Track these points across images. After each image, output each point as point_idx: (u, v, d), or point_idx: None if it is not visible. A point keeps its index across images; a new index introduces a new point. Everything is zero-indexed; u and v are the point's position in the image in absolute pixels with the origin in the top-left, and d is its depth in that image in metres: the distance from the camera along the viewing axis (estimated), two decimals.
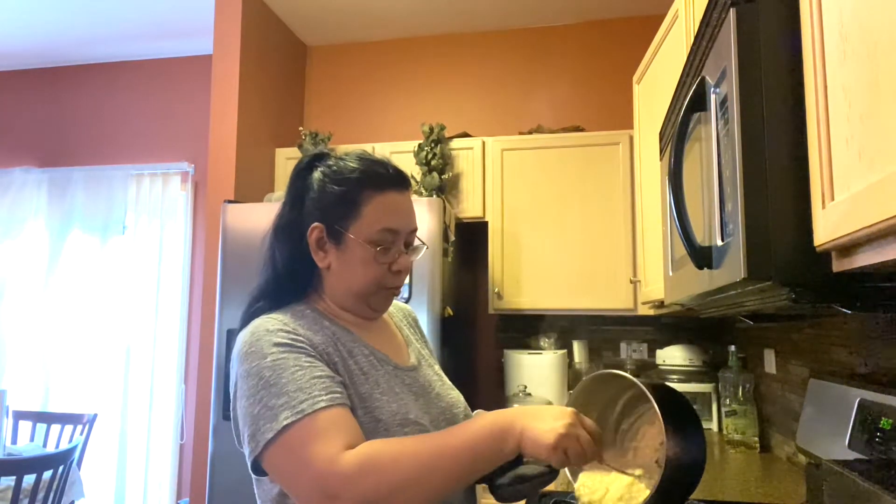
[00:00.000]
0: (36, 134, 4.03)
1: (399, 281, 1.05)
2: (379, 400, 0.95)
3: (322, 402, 0.86)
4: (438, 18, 3.35)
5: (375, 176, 1.02)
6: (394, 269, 1.02)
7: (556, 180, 2.89)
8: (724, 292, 1.09)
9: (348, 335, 1.02)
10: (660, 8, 3.11)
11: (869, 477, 0.79)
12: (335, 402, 0.87)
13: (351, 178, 1.01)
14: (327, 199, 1.01)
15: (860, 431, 1.32)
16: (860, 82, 0.67)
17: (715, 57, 1.05)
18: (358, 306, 1.05)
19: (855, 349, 1.54)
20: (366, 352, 1.01)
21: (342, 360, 0.97)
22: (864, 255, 0.70)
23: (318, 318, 1.02)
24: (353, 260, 1.01)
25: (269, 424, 0.85)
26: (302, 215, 1.03)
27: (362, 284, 1.02)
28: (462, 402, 1.12)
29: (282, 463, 0.85)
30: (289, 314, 0.99)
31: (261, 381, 0.88)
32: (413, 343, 1.16)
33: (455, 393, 1.13)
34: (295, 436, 0.83)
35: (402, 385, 1.02)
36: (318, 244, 1.02)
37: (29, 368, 3.78)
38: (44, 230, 3.87)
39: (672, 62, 1.89)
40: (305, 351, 0.92)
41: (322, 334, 0.98)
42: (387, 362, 1.03)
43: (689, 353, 2.71)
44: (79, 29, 3.56)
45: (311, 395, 0.86)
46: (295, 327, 0.96)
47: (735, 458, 2.11)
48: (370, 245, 1.00)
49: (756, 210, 0.87)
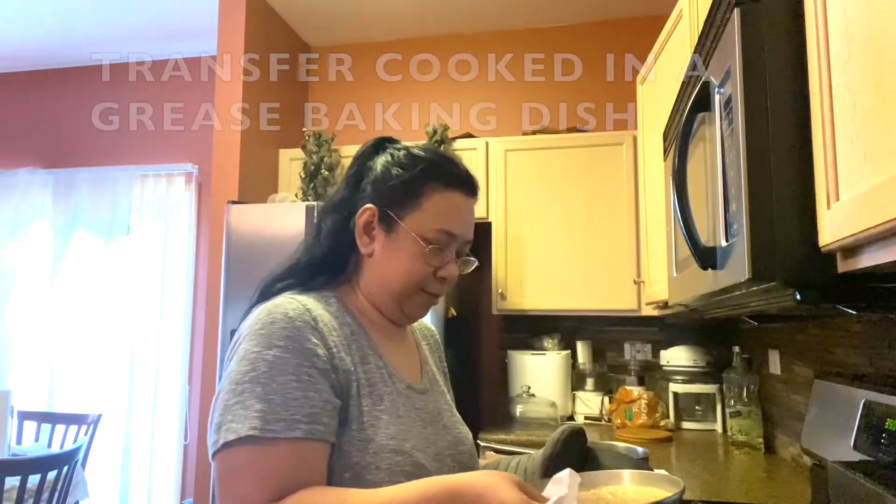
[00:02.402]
0: (41, 135, 4.04)
1: (441, 289, 0.96)
2: (379, 418, 0.85)
3: (299, 431, 0.77)
4: (442, 19, 3.35)
5: (446, 172, 0.95)
6: (440, 274, 0.94)
7: (560, 181, 2.88)
8: (729, 293, 1.08)
9: (366, 338, 0.93)
10: (663, 8, 3.10)
11: (874, 478, 0.78)
12: (313, 435, 0.78)
13: (419, 167, 0.94)
14: (388, 183, 0.94)
15: (865, 432, 1.31)
16: (865, 82, 0.67)
17: (719, 57, 1.05)
18: (391, 306, 0.96)
19: (860, 350, 1.54)
20: (379, 362, 0.92)
21: (353, 364, 0.88)
22: (869, 256, 0.70)
23: (342, 310, 0.93)
24: (401, 253, 0.93)
25: (236, 425, 0.76)
26: (357, 194, 0.96)
27: (403, 281, 0.93)
28: (470, 440, 1.01)
29: (223, 473, 0.77)
30: (314, 298, 0.91)
31: (253, 372, 0.79)
32: (429, 364, 1.07)
33: (464, 429, 1.02)
34: (248, 453, 0.76)
35: (410, 408, 0.92)
36: (366, 228, 0.94)
37: (34, 369, 3.79)
38: (48, 231, 3.88)
39: (676, 62, 1.89)
40: (312, 362, 0.82)
41: (341, 331, 0.89)
42: (398, 379, 0.93)
43: (693, 353, 2.71)
44: (84, 30, 3.57)
45: (292, 416, 0.77)
46: (318, 314, 0.87)
47: (739, 460, 2.10)
48: (423, 241, 0.92)
49: (761, 210, 0.87)
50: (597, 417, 2.83)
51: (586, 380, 2.92)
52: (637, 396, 2.65)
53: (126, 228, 3.79)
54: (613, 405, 2.74)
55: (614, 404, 2.73)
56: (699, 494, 1.66)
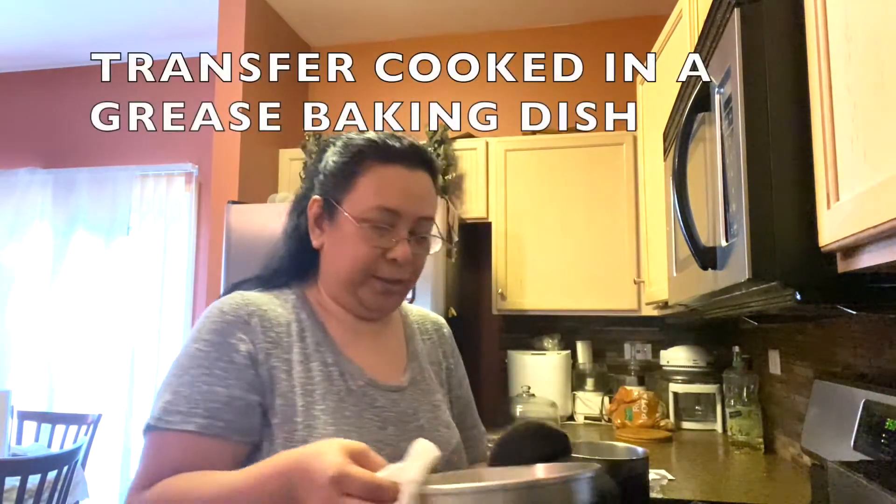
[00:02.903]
0: (41, 135, 4.04)
1: (395, 273, 0.89)
2: (316, 418, 0.81)
3: (192, 424, 0.77)
4: (442, 19, 3.35)
5: (383, 147, 0.90)
6: (389, 256, 0.88)
7: (560, 181, 2.88)
8: (729, 293, 1.08)
9: (320, 335, 0.90)
10: (663, 8, 3.10)
11: (874, 478, 0.78)
12: (207, 430, 0.77)
13: (355, 148, 0.91)
14: (328, 171, 0.93)
15: (866, 432, 1.31)
16: (865, 82, 0.67)
17: (719, 57, 1.05)
18: (346, 298, 0.92)
19: (860, 350, 1.54)
20: (329, 360, 0.87)
21: (291, 363, 0.84)
22: (869, 256, 0.70)
23: (300, 308, 0.91)
24: (345, 239, 0.89)
25: (152, 411, 0.80)
26: (310, 191, 0.95)
27: (349, 268, 0.89)
28: (453, 443, 0.96)
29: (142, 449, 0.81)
30: (270, 295, 0.91)
31: (177, 364, 0.82)
32: (419, 360, 1.00)
33: (448, 430, 0.95)
34: (148, 440, 0.79)
35: (366, 407, 0.86)
36: (317, 221, 0.93)
37: (34, 369, 3.79)
38: (49, 231, 3.88)
39: (676, 62, 1.89)
40: (231, 357, 0.81)
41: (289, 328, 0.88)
42: (356, 377, 0.88)
43: (693, 353, 2.71)
44: (84, 30, 3.57)
45: (191, 409, 0.77)
46: (264, 311, 0.87)
47: (739, 460, 2.10)
48: (361, 221, 0.87)
49: (761, 210, 0.87)
50: (597, 417, 2.83)
51: (586, 380, 2.92)
52: (637, 396, 2.64)
53: (126, 228, 3.79)
54: (613, 405, 2.74)
55: (614, 404, 2.73)
56: (699, 494, 1.66)
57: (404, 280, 0.91)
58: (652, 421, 2.59)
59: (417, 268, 0.93)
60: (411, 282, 0.93)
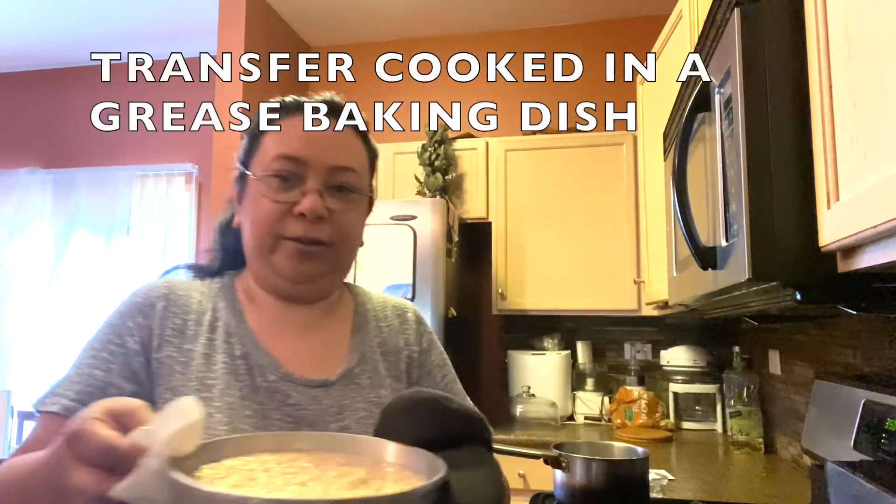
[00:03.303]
0: (41, 135, 4.04)
1: (308, 230, 0.78)
2: (211, 417, 0.74)
3: (57, 406, 0.72)
4: (442, 19, 3.35)
5: (290, 104, 0.86)
6: (296, 210, 0.78)
7: (560, 181, 2.88)
8: (729, 293, 1.08)
9: (234, 325, 0.81)
10: (663, 8, 3.10)
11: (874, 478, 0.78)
12: (70, 413, 0.70)
13: (262, 109, 0.87)
14: (242, 142, 0.88)
15: (866, 433, 1.31)
16: (865, 82, 0.67)
17: (719, 57, 1.05)
18: (263, 271, 0.82)
19: (860, 350, 1.53)
20: (237, 352, 0.79)
21: (190, 357, 0.77)
22: (869, 256, 0.70)
23: (222, 296, 0.84)
24: (250, 202, 0.82)
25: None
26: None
27: (255, 232, 0.80)
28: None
29: None
30: (199, 282, 0.86)
31: (85, 344, 0.78)
32: (365, 351, 0.86)
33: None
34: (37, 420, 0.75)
35: (273, 406, 0.77)
36: (237, 198, 0.87)
37: (34, 369, 3.79)
38: (49, 231, 3.88)
39: (676, 62, 1.89)
40: (123, 341, 0.76)
41: (201, 318, 0.81)
42: (268, 371, 0.78)
43: (693, 353, 2.71)
44: (84, 30, 3.57)
45: (64, 391, 0.73)
46: (177, 296, 0.81)
47: (739, 460, 2.10)
48: (264, 177, 0.80)
49: (761, 210, 0.87)
50: (597, 417, 2.83)
51: (586, 380, 2.92)
52: (637, 396, 2.64)
53: (126, 228, 3.79)
54: (613, 405, 2.74)
55: (614, 404, 2.73)
56: (699, 494, 1.66)
57: (324, 241, 0.79)
58: (652, 421, 2.59)
59: (342, 227, 0.81)
60: (338, 245, 0.81)
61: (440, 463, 0.51)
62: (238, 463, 0.53)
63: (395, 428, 0.61)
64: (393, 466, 0.55)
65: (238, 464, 0.53)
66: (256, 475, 0.49)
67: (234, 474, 0.49)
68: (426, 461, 0.54)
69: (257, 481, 0.48)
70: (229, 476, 0.49)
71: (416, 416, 0.62)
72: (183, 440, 0.48)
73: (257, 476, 0.49)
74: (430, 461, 0.53)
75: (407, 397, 0.64)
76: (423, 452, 0.55)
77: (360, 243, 0.89)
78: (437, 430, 0.61)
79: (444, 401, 0.63)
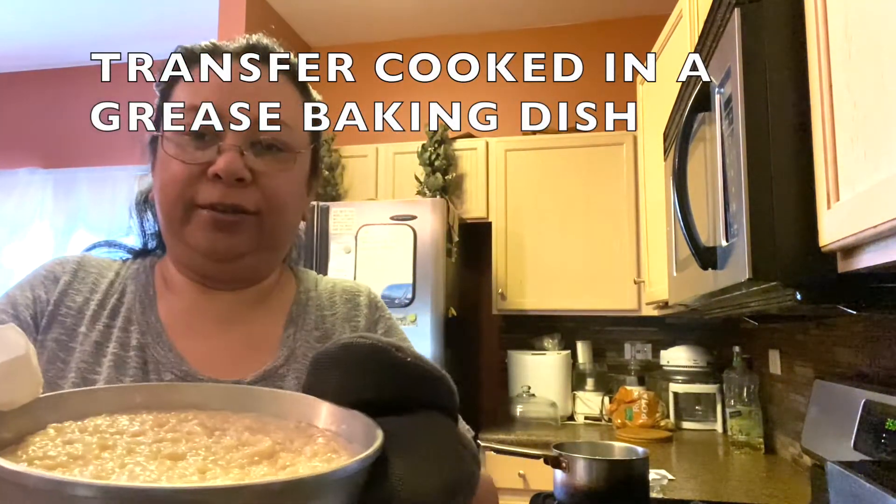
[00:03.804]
0: (41, 135, 4.04)
1: (225, 195, 0.64)
2: None
3: None
4: (442, 18, 3.35)
5: (206, 48, 0.72)
6: (210, 171, 0.64)
7: (560, 181, 2.88)
8: (729, 293, 1.08)
9: (139, 312, 0.69)
10: (663, 8, 3.10)
11: (875, 478, 0.78)
12: None
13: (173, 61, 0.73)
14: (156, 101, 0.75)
15: (866, 432, 1.31)
16: (865, 82, 0.67)
17: (719, 57, 1.05)
18: (177, 248, 0.69)
19: (860, 350, 1.53)
20: (132, 343, 0.66)
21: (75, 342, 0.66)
22: (869, 256, 0.70)
23: (136, 277, 0.73)
24: (159, 168, 0.68)
25: None
26: None
27: (162, 201, 0.67)
28: None
29: None
30: (117, 261, 0.76)
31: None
32: (296, 346, 0.71)
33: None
34: None
35: None
36: (153, 169, 0.73)
37: None
38: (49, 231, 3.88)
39: (676, 62, 1.89)
40: (17, 312, 0.66)
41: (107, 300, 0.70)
42: (165, 368, 0.66)
43: (693, 353, 2.71)
44: (84, 30, 3.57)
45: None
46: (86, 273, 0.71)
47: (739, 460, 2.10)
48: (171, 135, 0.67)
49: (761, 210, 0.87)
50: (597, 417, 2.83)
51: (586, 380, 2.92)
52: (637, 396, 2.64)
53: (126, 228, 3.79)
54: (613, 405, 2.74)
55: (614, 404, 2.73)
56: (699, 494, 1.66)
57: (246, 208, 0.65)
58: (652, 421, 2.59)
59: (270, 192, 0.67)
60: (265, 214, 0.67)
61: (378, 433, 0.40)
62: (104, 423, 0.41)
63: (327, 384, 0.48)
64: (323, 434, 0.44)
65: (103, 424, 0.41)
66: (116, 443, 0.38)
67: (82, 441, 0.38)
68: (364, 428, 0.43)
69: (113, 453, 0.37)
70: (76, 443, 0.38)
71: (357, 370, 0.47)
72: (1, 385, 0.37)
73: (116, 445, 0.38)
74: (367, 428, 0.42)
75: (345, 344, 0.48)
76: (363, 417, 0.44)
77: (301, 217, 0.75)
78: (383, 388, 0.47)
79: (396, 351, 0.47)
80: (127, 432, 0.40)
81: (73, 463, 0.35)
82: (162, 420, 0.43)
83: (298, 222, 0.75)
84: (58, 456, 0.36)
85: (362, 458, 0.36)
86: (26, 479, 0.30)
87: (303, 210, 0.75)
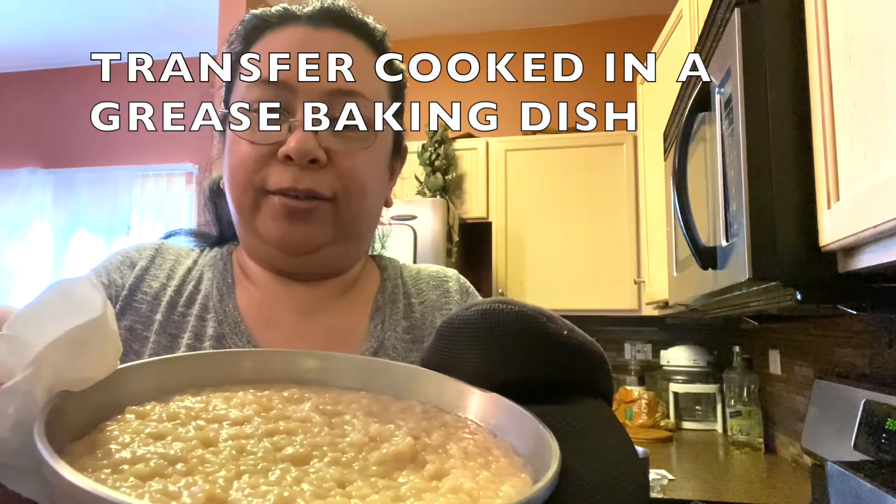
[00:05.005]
0: (41, 135, 4.04)
1: (298, 179, 0.57)
2: None
3: None
4: (442, 19, 3.35)
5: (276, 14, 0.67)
6: (281, 152, 0.58)
7: (560, 181, 2.88)
8: (729, 293, 1.08)
9: (216, 301, 0.63)
10: (663, 8, 3.10)
11: (875, 478, 0.79)
12: None
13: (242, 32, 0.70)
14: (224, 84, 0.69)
15: (866, 432, 1.31)
16: (866, 82, 0.67)
17: (719, 57, 1.05)
18: (251, 240, 0.63)
19: (861, 350, 1.53)
20: (208, 332, 0.61)
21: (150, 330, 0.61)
22: (869, 256, 0.70)
23: (214, 265, 0.68)
24: (227, 151, 0.64)
25: None
26: None
27: (231, 187, 0.61)
28: None
29: None
30: (196, 251, 0.71)
31: None
32: (384, 339, 0.65)
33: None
34: None
35: None
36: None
37: None
38: (49, 231, 3.88)
39: (676, 62, 1.89)
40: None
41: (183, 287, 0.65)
42: None
43: (693, 353, 2.71)
44: (84, 30, 3.57)
45: None
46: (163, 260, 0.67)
47: (739, 460, 2.10)
48: (239, 112, 0.62)
49: (761, 210, 0.87)
50: None
51: None
52: (637, 396, 2.64)
53: (126, 228, 3.79)
54: (614, 405, 2.74)
55: (614, 404, 2.73)
56: (699, 494, 1.66)
57: (321, 193, 0.58)
58: (652, 421, 2.59)
59: (347, 174, 0.59)
60: (342, 200, 0.59)
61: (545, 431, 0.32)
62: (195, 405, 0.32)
63: (465, 361, 0.38)
64: (464, 425, 0.34)
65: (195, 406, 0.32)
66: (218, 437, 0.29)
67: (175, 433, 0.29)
68: (510, 419, 0.34)
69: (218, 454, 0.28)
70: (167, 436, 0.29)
71: (504, 344, 0.38)
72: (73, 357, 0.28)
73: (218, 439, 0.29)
74: (535, 429, 0.32)
75: (486, 311, 0.38)
76: (523, 411, 0.34)
77: (385, 202, 0.68)
78: (534, 367, 0.38)
79: (548, 321, 0.39)
80: (228, 419, 0.31)
81: (173, 470, 0.26)
82: (265, 402, 0.33)
83: (381, 208, 0.68)
84: (150, 458, 0.26)
85: (555, 473, 0.28)
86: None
87: (385, 195, 0.68)
